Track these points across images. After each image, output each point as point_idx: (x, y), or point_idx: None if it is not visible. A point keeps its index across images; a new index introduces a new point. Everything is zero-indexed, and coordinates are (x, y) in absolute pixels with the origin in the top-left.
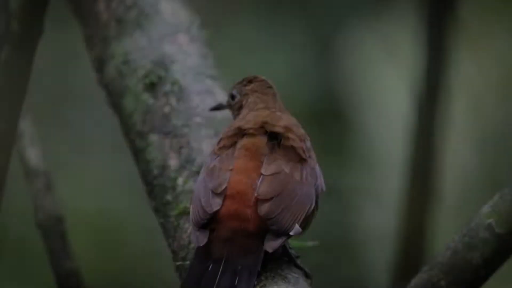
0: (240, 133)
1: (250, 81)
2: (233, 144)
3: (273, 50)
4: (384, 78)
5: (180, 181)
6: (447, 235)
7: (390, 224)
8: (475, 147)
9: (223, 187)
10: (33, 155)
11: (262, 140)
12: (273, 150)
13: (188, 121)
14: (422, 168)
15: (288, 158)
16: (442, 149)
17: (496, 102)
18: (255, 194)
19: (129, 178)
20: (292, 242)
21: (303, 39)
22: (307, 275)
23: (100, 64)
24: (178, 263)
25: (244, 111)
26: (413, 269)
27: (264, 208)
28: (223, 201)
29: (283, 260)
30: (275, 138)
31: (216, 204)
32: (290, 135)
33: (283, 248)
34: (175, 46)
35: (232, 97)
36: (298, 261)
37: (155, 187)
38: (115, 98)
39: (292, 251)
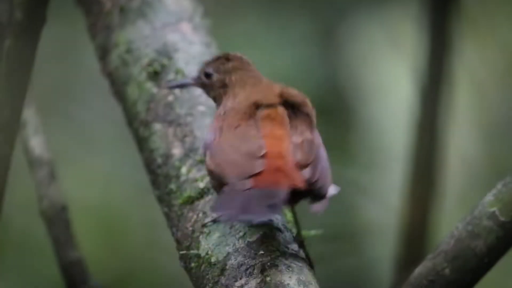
0: (257, 105)
1: (227, 59)
2: (252, 116)
3: (275, 40)
4: (388, 68)
5: (184, 170)
6: (450, 225)
7: (393, 215)
8: (479, 137)
9: (263, 151)
10: (36, 144)
11: (281, 109)
12: (293, 118)
13: (192, 110)
14: (425, 158)
15: (307, 125)
16: (445, 139)
17: (500, 91)
18: (294, 159)
19: (132, 168)
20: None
21: (306, 29)
22: (311, 265)
23: (103, 53)
24: (182, 252)
25: (234, 89)
26: (416, 260)
27: (307, 173)
28: (265, 165)
29: (287, 249)
30: (291, 107)
31: (259, 165)
32: (305, 103)
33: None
34: (178, 34)
35: (207, 75)
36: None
37: (159, 176)
38: (118, 87)
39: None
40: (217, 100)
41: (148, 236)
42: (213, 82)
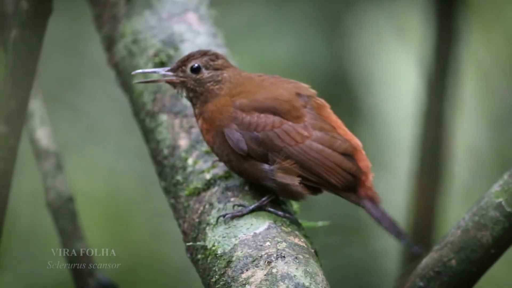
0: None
1: (217, 57)
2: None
3: (282, 29)
4: (394, 58)
5: (190, 161)
6: (457, 216)
7: (400, 205)
8: (486, 127)
9: (351, 148)
10: (43, 135)
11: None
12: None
13: None
14: (432, 149)
15: None
16: (452, 129)
17: (507, 81)
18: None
19: (138, 159)
20: (302, 223)
21: (312, 18)
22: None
23: (109, 44)
24: (188, 243)
25: (230, 84)
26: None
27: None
28: (359, 162)
29: (293, 240)
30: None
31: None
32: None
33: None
34: (184, 25)
35: (195, 69)
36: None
37: (165, 167)
38: (124, 77)
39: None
40: (199, 97)
41: (154, 227)
42: (202, 77)
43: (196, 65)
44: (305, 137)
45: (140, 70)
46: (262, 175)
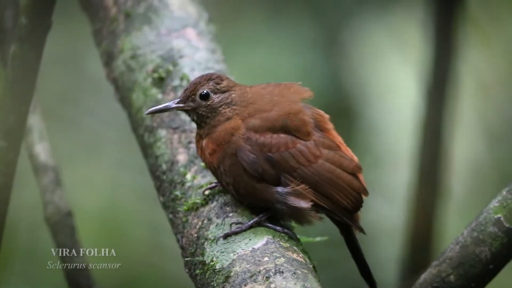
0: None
1: (221, 79)
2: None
3: (281, 44)
4: (393, 72)
5: (189, 176)
6: (455, 230)
7: (399, 219)
8: (484, 140)
9: (357, 167)
10: (42, 150)
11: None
12: None
13: None
14: (430, 162)
15: None
16: (451, 142)
17: (506, 95)
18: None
19: (138, 175)
20: (300, 238)
21: (311, 33)
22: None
23: (108, 59)
24: (187, 258)
25: (240, 103)
26: (423, 264)
27: None
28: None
29: (292, 255)
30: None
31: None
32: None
33: None
34: (183, 40)
35: (204, 96)
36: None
37: (164, 182)
38: (123, 93)
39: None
40: (210, 121)
41: (153, 242)
42: (212, 103)
43: (204, 91)
44: (317, 156)
45: (152, 109)
46: (273, 198)
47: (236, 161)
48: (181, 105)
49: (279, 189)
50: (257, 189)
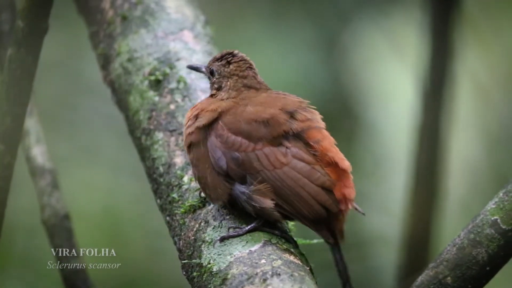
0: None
1: (228, 62)
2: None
3: (279, 47)
4: (390, 74)
5: (186, 179)
6: (452, 232)
7: (396, 222)
8: (482, 142)
9: (329, 183)
10: (38, 153)
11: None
12: None
13: None
14: (427, 164)
15: None
16: (448, 145)
17: (503, 96)
18: None
19: (135, 177)
20: (298, 240)
21: (310, 37)
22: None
23: (105, 62)
24: (184, 261)
25: (228, 93)
26: (420, 266)
27: None
28: (341, 189)
29: (289, 258)
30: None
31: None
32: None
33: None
34: (180, 43)
35: (211, 72)
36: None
37: (161, 185)
38: (120, 95)
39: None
40: (213, 94)
41: (150, 244)
42: (213, 81)
43: (212, 67)
44: (283, 163)
45: (191, 65)
46: (237, 196)
47: (207, 154)
48: (204, 71)
49: (243, 187)
50: (221, 186)
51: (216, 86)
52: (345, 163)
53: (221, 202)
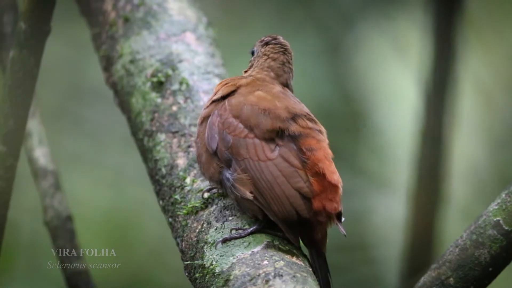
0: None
1: (267, 43)
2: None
3: None
4: (394, 77)
5: (188, 180)
6: (455, 233)
7: (399, 222)
8: (484, 144)
9: (309, 192)
10: (41, 154)
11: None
12: None
13: (196, 120)
14: (430, 166)
15: None
16: (450, 146)
17: (506, 98)
18: None
19: (141, 175)
20: (300, 241)
21: (313, 41)
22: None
23: (107, 63)
24: (186, 262)
25: (253, 70)
26: (423, 267)
27: None
28: (326, 201)
29: (291, 259)
30: None
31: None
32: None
33: None
34: (182, 44)
35: (252, 53)
36: None
37: (163, 186)
38: (122, 97)
39: None
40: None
41: (153, 246)
42: (251, 59)
43: (254, 49)
44: (268, 158)
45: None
46: (224, 181)
47: (206, 128)
48: (249, 52)
49: (228, 173)
50: (211, 165)
51: (249, 64)
52: (334, 177)
53: (214, 183)
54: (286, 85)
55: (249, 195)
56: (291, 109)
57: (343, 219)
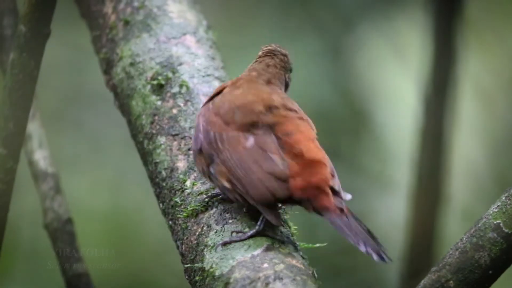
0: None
1: (267, 45)
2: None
3: None
4: (394, 79)
5: (188, 183)
6: (455, 235)
7: (399, 224)
8: (485, 146)
9: (284, 175)
10: (41, 157)
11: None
12: None
13: None
14: (430, 167)
15: None
16: (450, 148)
17: (506, 100)
18: None
19: (142, 177)
20: (300, 243)
21: (314, 42)
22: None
23: (107, 66)
24: (186, 265)
25: (249, 70)
26: (423, 270)
27: None
28: (310, 177)
29: (291, 262)
30: None
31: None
32: None
33: None
34: (183, 48)
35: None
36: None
37: (163, 189)
38: (122, 100)
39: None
40: None
41: (153, 248)
42: None
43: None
44: (243, 147)
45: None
46: (210, 174)
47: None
48: None
49: (212, 167)
50: (200, 161)
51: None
52: (314, 154)
53: (207, 179)
54: (269, 83)
55: (227, 184)
56: (266, 102)
57: (348, 195)
